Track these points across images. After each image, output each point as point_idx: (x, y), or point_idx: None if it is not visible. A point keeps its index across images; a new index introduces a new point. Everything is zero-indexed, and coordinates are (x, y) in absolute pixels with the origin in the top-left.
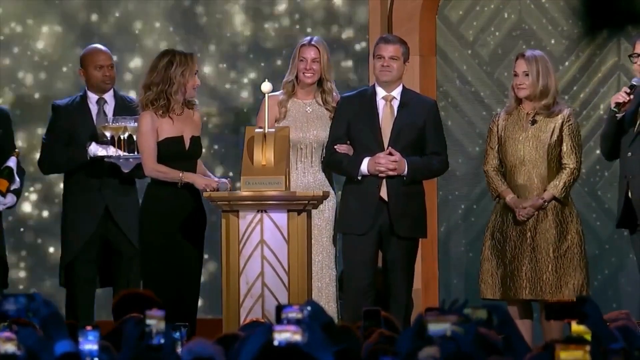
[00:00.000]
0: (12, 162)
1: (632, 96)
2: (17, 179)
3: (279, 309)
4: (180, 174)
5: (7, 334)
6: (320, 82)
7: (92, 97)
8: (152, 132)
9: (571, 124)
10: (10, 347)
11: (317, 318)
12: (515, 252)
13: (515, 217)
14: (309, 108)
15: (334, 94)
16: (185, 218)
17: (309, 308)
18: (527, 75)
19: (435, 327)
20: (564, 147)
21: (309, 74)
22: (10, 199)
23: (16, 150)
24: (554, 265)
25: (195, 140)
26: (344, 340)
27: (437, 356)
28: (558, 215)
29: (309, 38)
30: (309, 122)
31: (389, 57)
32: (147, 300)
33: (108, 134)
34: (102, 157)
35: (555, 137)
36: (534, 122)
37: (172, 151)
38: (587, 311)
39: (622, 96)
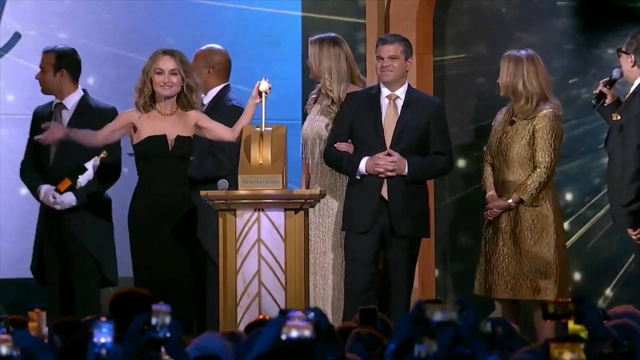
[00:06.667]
0: (90, 163)
1: (608, 87)
2: (80, 181)
3: (283, 313)
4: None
5: (3, 335)
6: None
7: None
8: (118, 120)
9: (544, 125)
10: (6, 348)
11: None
12: (498, 250)
13: (506, 214)
14: (325, 102)
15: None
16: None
17: (312, 314)
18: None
19: (434, 313)
20: (536, 147)
21: (310, 70)
22: (67, 198)
23: (104, 151)
24: (534, 263)
25: (181, 140)
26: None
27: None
28: (537, 214)
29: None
30: (316, 115)
31: (388, 57)
32: (143, 298)
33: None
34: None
35: (529, 137)
36: (512, 122)
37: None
38: (583, 311)
39: (599, 88)
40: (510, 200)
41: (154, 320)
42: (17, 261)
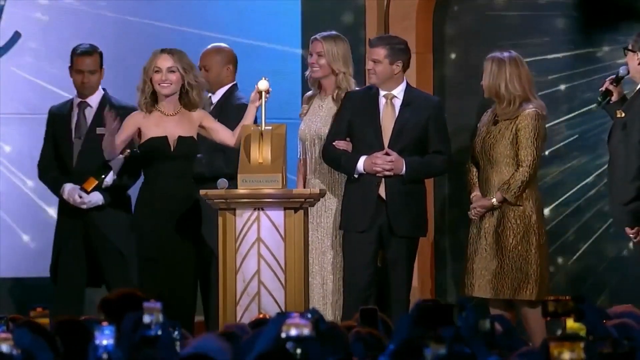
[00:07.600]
0: (115, 162)
1: (614, 85)
2: (107, 180)
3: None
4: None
5: (3, 333)
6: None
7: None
8: (125, 129)
9: (526, 124)
10: (6, 347)
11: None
12: (481, 249)
13: (490, 214)
14: (322, 103)
15: (351, 88)
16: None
17: (309, 315)
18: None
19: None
20: (519, 147)
21: (314, 68)
22: (95, 197)
23: (127, 150)
24: (515, 263)
25: (183, 141)
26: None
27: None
28: (520, 214)
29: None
30: (314, 116)
31: (371, 59)
32: (135, 299)
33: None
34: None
35: (512, 136)
36: (495, 122)
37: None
38: (583, 309)
39: (605, 86)
40: (493, 200)
41: (146, 318)
42: (16, 261)
